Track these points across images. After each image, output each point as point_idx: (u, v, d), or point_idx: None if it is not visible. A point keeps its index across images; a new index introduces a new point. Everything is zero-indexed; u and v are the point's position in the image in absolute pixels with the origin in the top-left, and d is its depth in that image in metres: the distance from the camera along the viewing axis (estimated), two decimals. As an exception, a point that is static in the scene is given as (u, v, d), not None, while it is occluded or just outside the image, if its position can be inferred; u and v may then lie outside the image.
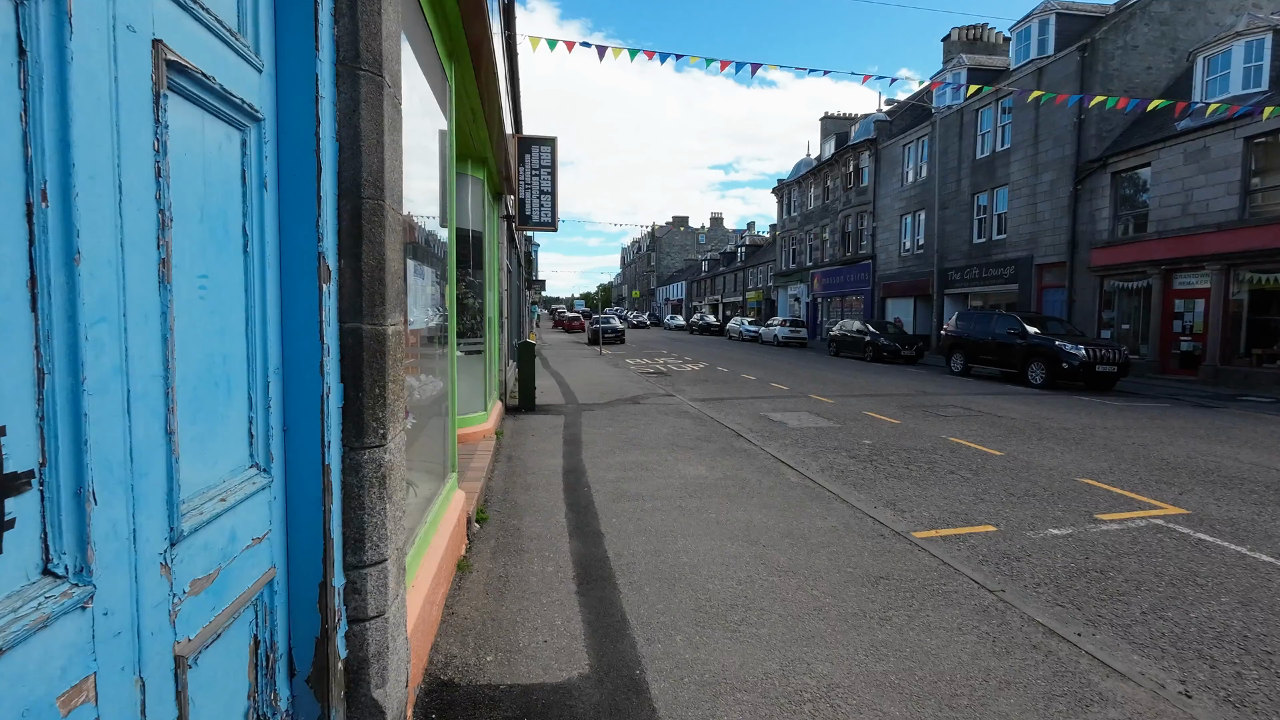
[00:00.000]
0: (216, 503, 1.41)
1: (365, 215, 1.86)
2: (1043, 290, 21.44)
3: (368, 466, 1.91)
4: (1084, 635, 3.31)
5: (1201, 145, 16.09)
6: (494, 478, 6.10)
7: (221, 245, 1.47)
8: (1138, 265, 17.73)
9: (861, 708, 2.59)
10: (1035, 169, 21.35)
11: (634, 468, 6.49)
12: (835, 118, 39.83)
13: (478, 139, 6.27)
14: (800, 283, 40.53)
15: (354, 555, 1.92)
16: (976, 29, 29.38)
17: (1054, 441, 8.31)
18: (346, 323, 1.87)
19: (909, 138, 28.67)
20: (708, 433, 8.40)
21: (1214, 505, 5.59)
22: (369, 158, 1.86)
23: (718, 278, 66.30)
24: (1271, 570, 4.19)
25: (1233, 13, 19.56)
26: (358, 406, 1.89)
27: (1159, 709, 2.64)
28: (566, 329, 51.57)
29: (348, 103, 1.82)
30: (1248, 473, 6.78)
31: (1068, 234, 20.05)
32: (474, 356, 7.48)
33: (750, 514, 5.05)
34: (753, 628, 3.23)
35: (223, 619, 1.43)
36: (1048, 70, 21.02)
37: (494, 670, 2.80)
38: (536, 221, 10.42)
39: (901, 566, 4.06)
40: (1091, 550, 4.51)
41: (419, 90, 3.39)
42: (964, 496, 5.79)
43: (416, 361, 4.10)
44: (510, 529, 4.66)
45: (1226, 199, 15.52)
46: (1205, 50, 16.79)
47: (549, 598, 3.53)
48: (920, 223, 27.92)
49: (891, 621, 3.34)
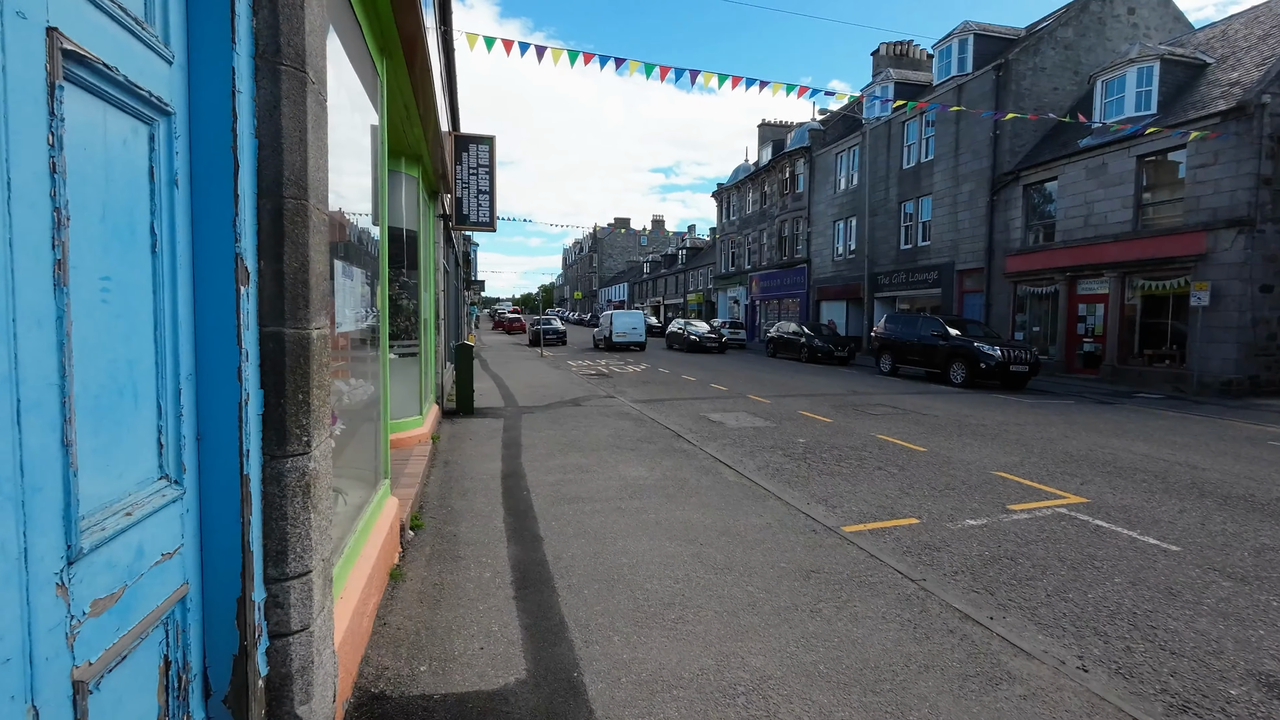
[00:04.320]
0: (121, 517, 1.34)
1: (287, 215, 1.80)
2: (963, 295, 22.70)
3: (291, 475, 1.84)
4: (995, 618, 3.54)
5: (1101, 162, 17.45)
6: (430, 483, 5.95)
7: (127, 245, 1.39)
8: (1046, 272, 19.04)
9: (792, 697, 2.69)
10: (956, 180, 22.60)
11: (574, 470, 6.47)
12: (772, 125, 40.91)
13: (412, 136, 6.12)
14: (739, 285, 41.39)
15: (276, 568, 1.84)
16: (903, 45, 30.83)
17: (972, 437, 8.83)
18: (267, 326, 1.79)
19: (841, 147, 29.77)
20: (648, 434, 8.47)
21: (1110, 494, 6.08)
22: (291, 156, 1.80)
23: (659, 280, 66.86)
24: (1157, 552, 4.60)
25: (1127, 41, 21.30)
26: (280, 413, 1.82)
27: (1059, 684, 2.86)
28: (507, 330, 50.77)
29: (268, 98, 1.76)
30: (1139, 463, 7.40)
31: (985, 242, 21.32)
32: (409, 359, 7.28)
33: (689, 513, 5.14)
34: (689, 625, 3.29)
35: (128, 640, 1.36)
36: (967, 87, 22.30)
37: (428, 680, 2.74)
38: (474, 221, 10.23)
39: (832, 560, 4.22)
40: (1004, 539, 4.83)
41: (348, 85, 3.29)
42: (890, 491, 6.07)
43: (346, 365, 3.97)
44: (446, 535, 4.56)
45: (1122, 212, 16.89)
46: (1103, 74, 18.21)
47: (486, 604, 3.49)
48: (852, 229, 29.04)
49: (821, 613, 3.47)
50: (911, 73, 28.13)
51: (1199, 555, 4.54)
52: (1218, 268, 14.65)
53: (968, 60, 23.13)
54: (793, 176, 34.02)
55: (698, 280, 54.40)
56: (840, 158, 30.04)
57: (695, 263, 56.46)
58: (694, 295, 54.05)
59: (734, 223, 42.36)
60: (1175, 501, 5.85)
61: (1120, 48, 20.94)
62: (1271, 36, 15.92)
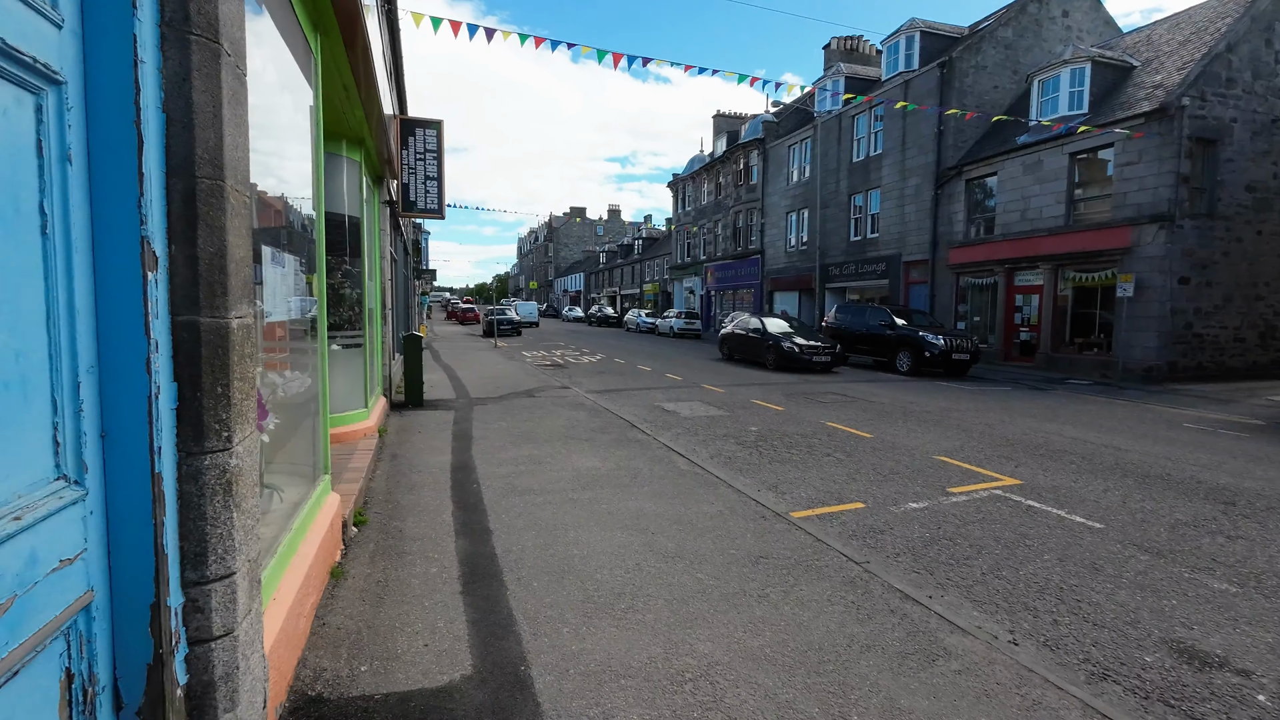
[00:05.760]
0: (8, 522, 1.23)
1: (201, 196, 1.68)
2: (909, 285, 23.42)
3: (210, 473, 1.74)
4: (934, 597, 3.68)
5: (1036, 159, 18.22)
6: (375, 478, 5.79)
7: (10, 226, 1.27)
8: (986, 264, 19.81)
9: (738, 682, 2.72)
10: (903, 174, 23.23)
11: (526, 462, 6.40)
12: (727, 116, 41.14)
13: (353, 118, 5.88)
14: (695, 276, 41.63)
15: (195, 570, 1.74)
16: (854, 40, 31.41)
17: (916, 423, 9.13)
18: (181, 315, 1.68)
19: (794, 139, 30.19)
20: (602, 424, 8.44)
21: (1042, 475, 6.38)
22: (204, 132, 1.68)
23: (616, 270, 66.64)
24: (1083, 530, 4.86)
25: (1062, 43, 22.24)
26: (196, 407, 1.71)
27: (992, 658, 2.98)
28: (460, 320, 49.79)
29: (176, 70, 1.63)
30: (1069, 446, 7.80)
31: (930, 234, 22.02)
32: (353, 350, 7.04)
33: (641, 503, 5.14)
34: (639, 614, 3.29)
35: (20, 654, 1.25)
36: (913, 83, 22.89)
37: (368, 680, 2.66)
38: (422, 208, 9.93)
39: (780, 545, 4.30)
40: (944, 521, 5.01)
41: (277, 61, 3.12)
42: (838, 477, 6.22)
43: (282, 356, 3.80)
44: (392, 531, 4.44)
45: (1056, 207, 17.70)
46: (1040, 74, 18.97)
47: (432, 600, 3.41)
48: (804, 220, 29.54)
49: (769, 598, 3.53)
50: (861, 67, 28.71)
51: (1120, 532, 4.82)
52: (1141, 261, 15.53)
53: (914, 57, 23.73)
54: (746, 168, 34.34)
55: (654, 270, 54.47)
56: (793, 150, 30.47)
57: (652, 253, 56.49)
58: (650, 285, 54.11)
59: (689, 213, 42.52)
60: (1100, 481, 6.19)
61: (1055, 49, 21.86)
62: (1191, 43, 16.87)
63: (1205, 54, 15.58)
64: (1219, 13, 17.32)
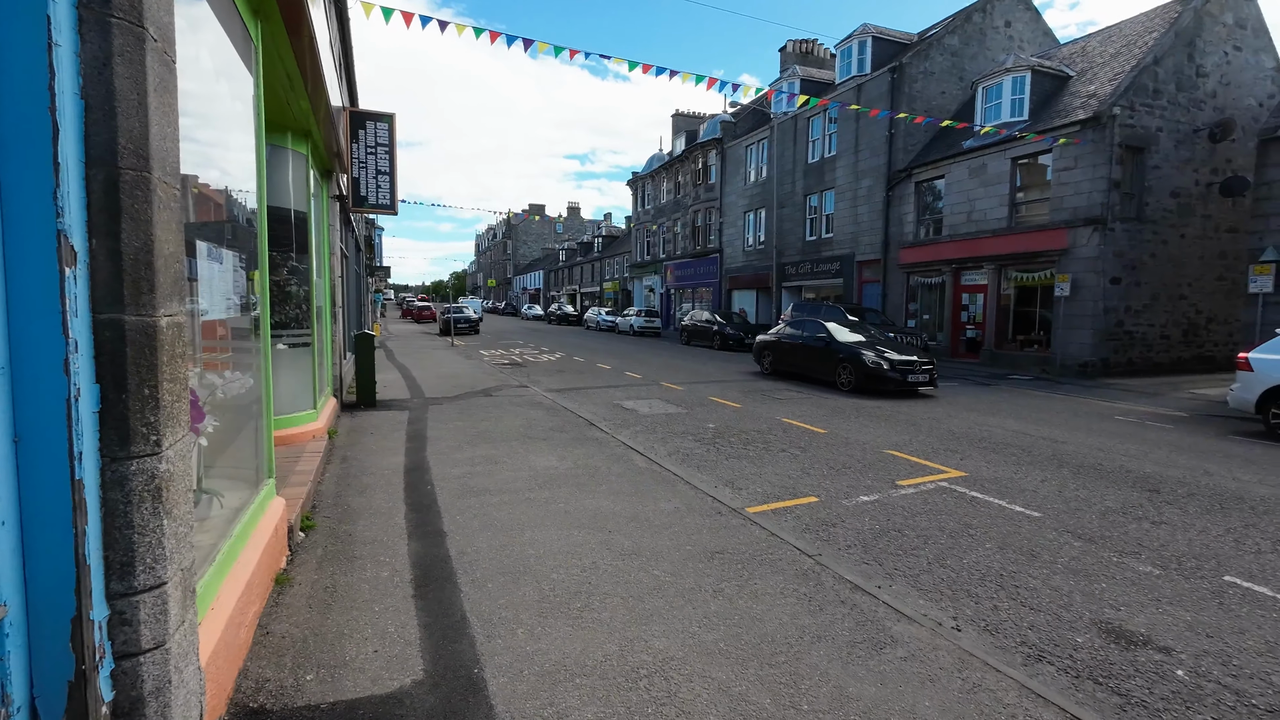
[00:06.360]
0: (-95, 535, 1.15)
1: (124, 188, 1.60)
2: (863, 284, 24.02)
3: (137, 479, 1.66)
4: (883, 587, 3.79)
5: (981, 163, 18.92)
6: (325, 481, 5.61)
7: (-95, 217, 1.18)
8: (935, 264, 20.49)
9: (692, 676, 2.75)
10: (856, 175, 23.80)
11: (483, 462, 6.31)
12: (686, 115, 41.34)
13: (298, 109, 5.68)
14: (655, 274, 41.76)
15: (122, 581, 1.66)
16: (809, 43, 31.99)
17: (868, 419, 9.38)
18: (103, 313, 1.59)
19: (751, 139, 30.57)
20: (561, 423, 8.39)
21: (985, 467, 6.65)
22: (127, 121, 1.60)
23: (575, 267, 66.29)
24: (1023, 519, 5.08)
25: (1005, 52, 23.14)
26: (121, 410, 1.63)
27: (936, 644, 3.09)
28: (416, 319, 48.67)
29: (96, 54, 1.55)
30: (1011, 439, 8.14)
31: (882, 235, 22.63)
32: (301, 350, 6.80)
33: (599, 501, 5.14)
34: (595, 612, 3.29)
35: (-79, 676, 1.17)
36: (866, 87, 23.47)
37: (314, 689, 2.59)
38: (374, 203, 9.66)
39: (736, 541, 4.36)
40: (893, 512, 5.17)
41: (212, 47, 2.98)
42: (793, 472, 6.34)
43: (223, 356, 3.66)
44: (341, 535, 4.32)
45: (999, 209, 18.42)
46: (984, 81, 19.70)
47: (382, 605, 3.33)
48: (761, 220, 29.96)
49: (724, 593, 3.57)
50: (816, 70, 29.26)
51: (1056, 520, 5.06)
52: (1077, 261, 16.31)
53: (866, 61, 24.32)
54: (705, 167, 34.61)
55: (614, 268, 54.39)
56: (750, 150, 30.85)
57: (611, 250, 56.38)
58: (610, 283, 54.02)
59: (649, 211, 42.61)
60: (1039, 472, 6.48)
61: (999, 57, 22.72)
62: (1122, 55, 17.79)
63: (1134, 66, 16.46)
64: (1147, 27, 18.30)
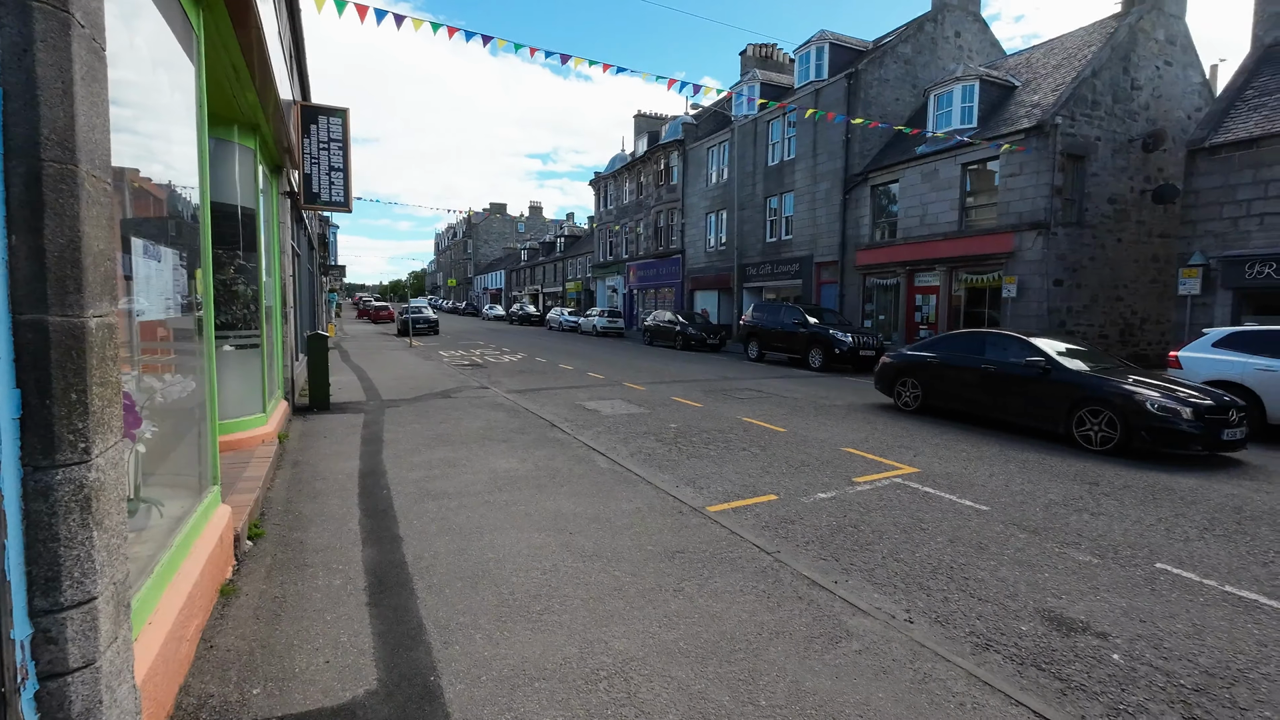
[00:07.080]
0: None
1: (48, 181, 1.51)
2: (821, 285, 24.51)
3: (63, 489, 1.57)
4: (839, 582, 3.87)
5: (933, 168, 19.53)
6: (274, 487, 5.43)
7: None
8: (890, 266, 21.05)
9: (652, 676, 2.76)
10: (814, 178, 24.27)
11: (441, 465, 6.20)
12: (648, 116, 41.47)
13: (244, 102, 5.48)
14: (617, 274, 41.74)
15: (47, 597, 1.57)
16: (768, 48, 32.47)
17: (827, 417, 9.57)
18: (24, 314, 1.50)
19: (712, 141, 30.85)
20: (522, 424, 8.31)
21: (938, 464, 6.85)
22: (51, 111, 1.51)
23: (538, 267, 65.73)
24: (972, 513, 5.26)
25: (955, 61, 23.95)
26: (45, 416, 1.54)
27: (889, 636, 3.17)
28: (373, 319, 47.57)
29: (15, 40, 1.46)
30: (961, 435, 8.42)
31: (839, 237, 23.13)
32: (249, 351, 6.56)
33: (560, 503, 5.10)
34: (555, 615, 3.27)
35: None
36: (823, 92, 23.96)
37: (261, 703, 2.49)
38: (327, 200, 9.39)
39: (696, 540, 4.39)
40: (849, 509, 5.28)
41: (149, 36, 2.85)
42: (753, 470, 6.42)
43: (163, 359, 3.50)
44: (292, 543, 4.18)
45: (950, 213, 19.05)
46: (935, 89, 20.34)
47: (334, 613, 3.24)
48: (723, 221, 30.26)
49: (684, 592, 3.59)
50: (776, 74, 29.71)
51: (1003, 513, 5.25)
52: (1023, 264, 16.98)
53: (824, 67, 24.83)
54: (667, 168, 34.76)
55: (577, 268, 54.15)
56: (712, 152, 31.12)
57: (574, 251, 56.11)
58: (573, 284, 53.76)
59: (612, 212, 42.57)
60: (987, 467, 6.72)
61: (949, 66, 23.49)
62: (1063, 67, 18.60)
63: (1075, 78, 17.23)
64: (1086, 41, 19.19)
